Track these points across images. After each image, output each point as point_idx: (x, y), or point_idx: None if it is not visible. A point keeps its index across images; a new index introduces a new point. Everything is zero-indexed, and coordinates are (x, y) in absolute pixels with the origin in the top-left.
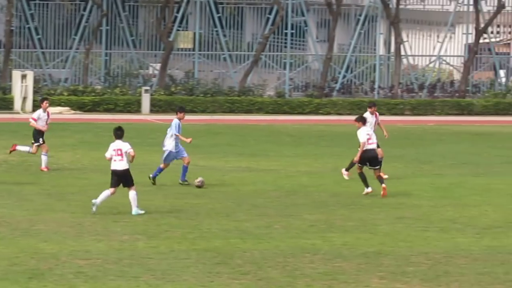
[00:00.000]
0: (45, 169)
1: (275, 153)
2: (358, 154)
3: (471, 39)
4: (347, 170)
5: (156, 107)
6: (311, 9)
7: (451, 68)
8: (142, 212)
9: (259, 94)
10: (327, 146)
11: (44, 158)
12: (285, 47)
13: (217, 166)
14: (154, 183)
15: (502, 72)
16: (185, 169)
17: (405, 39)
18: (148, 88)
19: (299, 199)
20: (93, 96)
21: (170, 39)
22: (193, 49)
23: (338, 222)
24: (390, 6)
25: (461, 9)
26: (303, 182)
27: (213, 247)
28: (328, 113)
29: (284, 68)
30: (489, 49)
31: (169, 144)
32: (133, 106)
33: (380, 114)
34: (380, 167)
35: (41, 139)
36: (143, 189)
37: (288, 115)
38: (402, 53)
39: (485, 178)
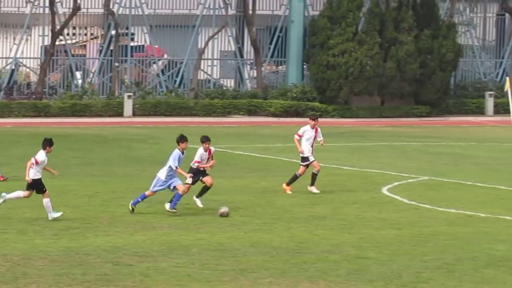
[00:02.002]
0: None
1: None
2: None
3: (48, 41)
4: (288, 184)
5: None
6: None
7: (27, 70)
8: None
9: None
10: None
11: None
12: None
13: None
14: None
15: (78, 74)
16: (178, 197)
17: None
18: None
19: None
20: None
21: None
22: None
23: None
24: None
25: (38, 11)
26: None
27: None
28: None
29: None
30: (66, 51)
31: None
32: None
33: None
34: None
35: None
36: None
37: None
38: None
39: (62, 180)
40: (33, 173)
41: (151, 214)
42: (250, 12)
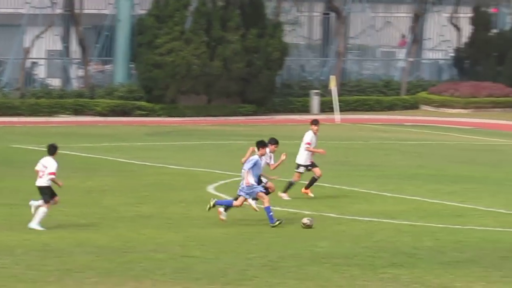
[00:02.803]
0: None
1: None
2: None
3: None
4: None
5: None
6: None
7: None
8: None
9: None
10: None
11: None
12: None
13: None
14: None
15: None
16: (268, 210)
17: None
18: None
19: None
20: None
21: None
22: None
23: None
24: None
25: None
26: None
27: None
28: None
29: None
30: None
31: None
32: None
33: None
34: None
35: None
36: None
37: None
38: None
39: None
40: (45, 181)
41: None
42: (77, 11)
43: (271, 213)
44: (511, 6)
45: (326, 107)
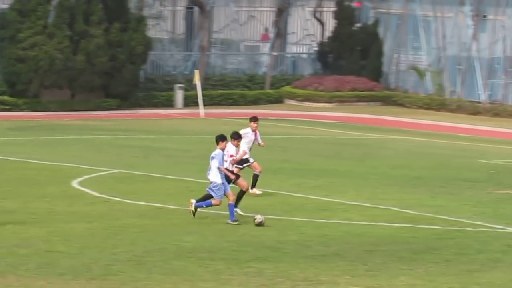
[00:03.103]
0: None
1: None
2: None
3: None
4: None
5: None
6: None
7: None
8: None
9: None
10: None
11: None
12: None
13: None
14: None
15: None
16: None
17: None
18: None
19: None
20: None
21: None
22: None
23: None
24: None
25: None
26: None
27: None
28: None
29: None
30: None
31: (215, 176)
32: None
33: None
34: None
35: None
36: None
37: None
38: None
39: None
40: None
41: None
42: None
43: (233, 210)
44: (374, 0)
45: (190, 102)
